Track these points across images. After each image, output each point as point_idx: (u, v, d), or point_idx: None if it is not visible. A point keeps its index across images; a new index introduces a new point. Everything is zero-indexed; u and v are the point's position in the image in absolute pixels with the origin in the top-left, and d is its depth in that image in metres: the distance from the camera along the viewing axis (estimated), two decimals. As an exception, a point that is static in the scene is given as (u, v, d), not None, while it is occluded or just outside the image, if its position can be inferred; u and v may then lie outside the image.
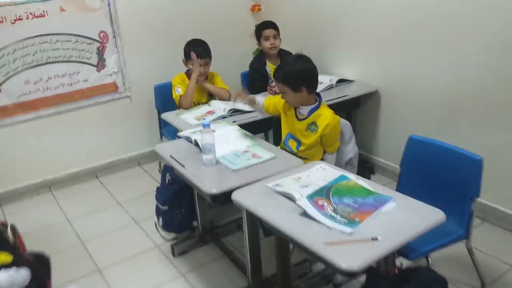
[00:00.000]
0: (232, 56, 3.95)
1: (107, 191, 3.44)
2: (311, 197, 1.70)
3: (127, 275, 2.50)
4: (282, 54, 3.44)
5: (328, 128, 2.28)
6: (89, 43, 3.34)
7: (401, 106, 3.08)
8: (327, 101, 2.98)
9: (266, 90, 3.24)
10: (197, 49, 3.12)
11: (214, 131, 2.47)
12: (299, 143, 2.39)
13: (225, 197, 1.92)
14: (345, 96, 3.06)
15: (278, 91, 3.13)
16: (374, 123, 3.31)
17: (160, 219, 2.79)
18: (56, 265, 1.98)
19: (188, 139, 2.44)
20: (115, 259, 2.63)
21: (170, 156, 2.27)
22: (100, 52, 3.40)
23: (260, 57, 3.45)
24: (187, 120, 2.79)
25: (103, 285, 2.43)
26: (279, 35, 3.36)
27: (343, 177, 1.86)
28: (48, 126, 3.36)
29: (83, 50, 3.33)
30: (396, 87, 3.08)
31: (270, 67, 3.41)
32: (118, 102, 3.61)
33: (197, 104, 3.16)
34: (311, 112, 2.33)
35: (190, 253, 2.64)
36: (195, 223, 2.77)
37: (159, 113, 3.41)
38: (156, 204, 2.80)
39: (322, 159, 2.41)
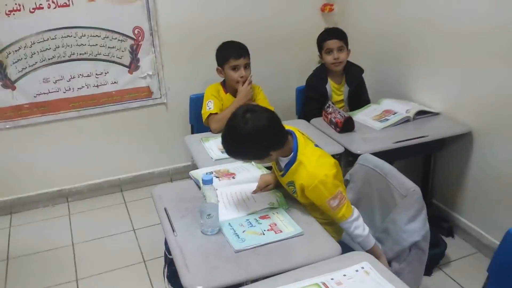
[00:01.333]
0: (291, 66, 3.28)
1: (126, 212, 2.97)
2: None
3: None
4: (350, 69, 2.72)
5: (308, 190, 1.61)
6: (121, 40, 2.85)
7: (502, 155, 2.24)
8: (397, 142, 2.24)
9: (321, 116, 2.56)
10: (233, 51, 2.51)
11: (233, 176, 1.88)
12: None
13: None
14: (424, 137, 2.29)
15: (333, 119, 2.45)
16: (461, 172, 2.49)
17: (166, 268, 2.26)
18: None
19: (197, 182, 1.86)
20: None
21: (165, 209, 1.70)
22: (134, 51, 2.91)
23: (320, 72, 2.75)
24: (209, 150, 2.20)
25: None
26: (346, 46, 2.64)
27: (391, 305, 1.17)
28: (68, 130, 2.94)
29: (113, 47, 2.85)
30: (497, 127, 2.24)
31: (332, 86, 2.72)
32: (151, 109, 3.11)
33: (233, 125, 2.56)
34: (287, 167, 1.67)
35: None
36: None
37: (193, 129, 2.87)
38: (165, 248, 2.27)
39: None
